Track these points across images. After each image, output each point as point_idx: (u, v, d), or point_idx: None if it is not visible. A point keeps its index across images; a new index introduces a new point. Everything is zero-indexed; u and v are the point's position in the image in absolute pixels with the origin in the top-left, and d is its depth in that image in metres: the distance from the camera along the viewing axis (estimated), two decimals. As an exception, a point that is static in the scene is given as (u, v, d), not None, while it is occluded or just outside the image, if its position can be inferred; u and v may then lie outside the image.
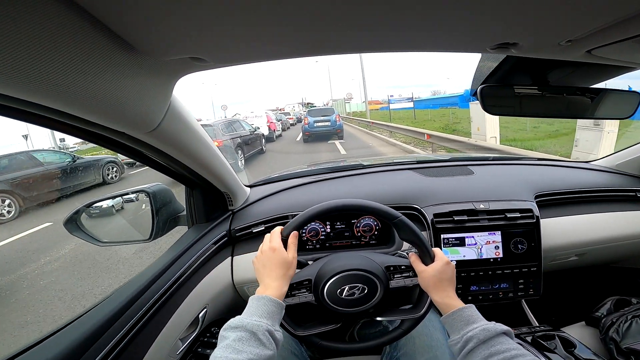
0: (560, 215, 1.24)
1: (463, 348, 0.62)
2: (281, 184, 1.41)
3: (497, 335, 0.61)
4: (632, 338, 1.03)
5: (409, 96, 24.38)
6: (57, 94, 0.43)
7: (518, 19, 0.43)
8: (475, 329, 0.63)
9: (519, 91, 0.77)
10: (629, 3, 0.36)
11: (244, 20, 0.40)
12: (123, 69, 0.47)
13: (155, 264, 0.94)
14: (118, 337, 0.71)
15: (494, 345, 0.59)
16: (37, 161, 7.85)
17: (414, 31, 0.47)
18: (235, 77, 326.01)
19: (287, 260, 0.73)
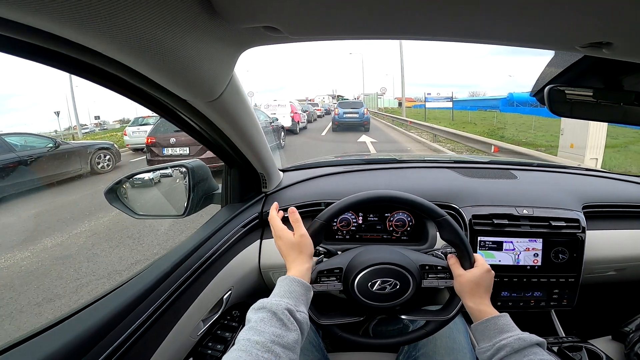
0: (604, 228, 1.19)
1: (494, 356, 0.61)
2: (314, 171, 1.41)
3: (531, 346, 0.60)
4: None
5: (446, 95, 22.58)
6: (131, 46, 0.42)
7: (618, 16, 0.40)
8: (509, 338, 0.61)
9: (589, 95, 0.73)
10: None
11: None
12: (195, 29, 0.45)
13: (186, 242, 0.94)
14: (143, 318, 0.71)
15: (528, 355, 0.58)
16: (9, 146, 6.67)
17: (501, 21, 0.45)
18: (268, 65, 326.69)
19: (293, 241, 0.73)
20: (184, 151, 6.39)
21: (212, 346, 0.99)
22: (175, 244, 1.29)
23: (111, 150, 8.76)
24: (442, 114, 24.69)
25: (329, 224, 0.81)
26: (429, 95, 23.32)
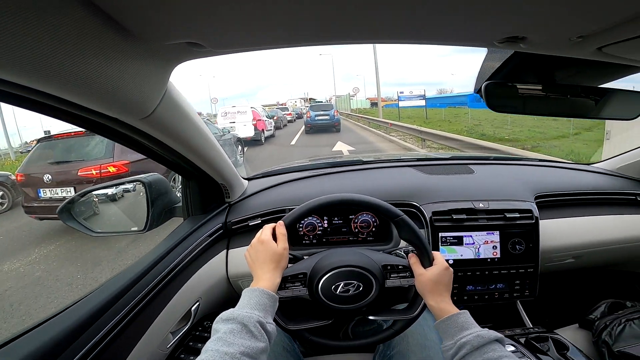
0: (559, 217, 1.23)
1: (456, 354, 0.62)
2: (280, 177, 1.40)
3: (490, 342, 0.61)
4: (624, 342, 1.03)
5: (419, 93, 21.42)
6: (47, 76, 0.41)
7: (529, 11, 0.41)
8: (468, 335, 0.62)
9: (524, 89, 0.76)
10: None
11: (243, 3, 0.38)
12: (116, 52, 0.45)
13: (148, 255, 0.93)
14: (106, 329, 0.70)
15: (487, 352, 0.59)
16: None
17: (421, 22, 0.46)
18: (237, 70, 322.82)
19: (277, 252, 0.73)
20: (66, 193, 4.28)
21: (184, 358, 0.98)
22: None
23: (4, 184, 6.38)
24: (415, 112, 23.84)
25: (289, 229, 0.80)
26: (401, 94, 22.22)
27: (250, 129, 11.87)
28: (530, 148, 8.00)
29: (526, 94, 0.75)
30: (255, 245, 0.75)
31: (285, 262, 0.75)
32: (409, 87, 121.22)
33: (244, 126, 11.69)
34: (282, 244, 0.74)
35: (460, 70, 32.21)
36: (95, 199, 1.18)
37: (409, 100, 21.74)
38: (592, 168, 1.47)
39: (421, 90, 26.76)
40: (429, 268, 0.76)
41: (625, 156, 1.40)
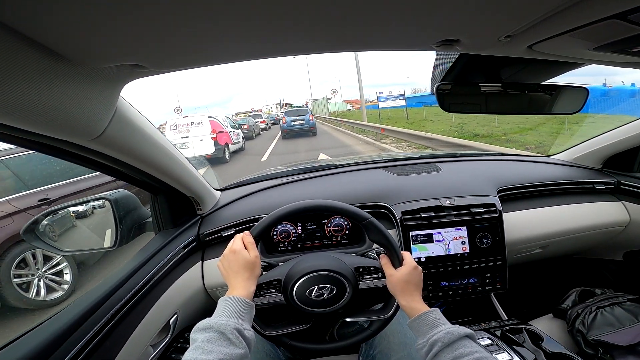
0: (522, 209, 1.28)
1: (429, 352, 0.63)
2: (253, 186, 1.40)
3: (460, 338, 0.62)
4: (598, 329, 1.06)
5: (399, 93, 20.18)
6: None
7: (457, 15, 0.43)
8: (439, 332, 0.64)
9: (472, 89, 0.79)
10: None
11: (182, 24, 0.39)
12: (51, 77, 0.45)
13: (120, 270, 0.92)
14: (81, 345, 0.70)
15: (458, 348, 0.61)
16: None
17: (361, 30, 0.47)
18: (209, 78, 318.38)
19: (250, 261, 0.73)
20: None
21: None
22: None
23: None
24: (395, 113, 22.54)
25: (259, 240, 0.81)
26: (381, 94, 20.84)
27: (209, 145, 9.48)
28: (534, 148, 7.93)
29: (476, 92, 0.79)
30: (227, 256, 0.75)
31: (259, 270, 0.76)
32: (386, 88, 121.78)
33: (201, 141, 9.47)
34: (253, 253, 0.75)
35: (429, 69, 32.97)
36: (60, 218, 1.15)
37: (389, 100, 20.75)
38: (551, 160, 1.53)
39: (400, 89, 25.28)
40: (399, 268, 0.77)
41: (580, 147, 1.46)
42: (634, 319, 1.07)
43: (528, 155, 1.64)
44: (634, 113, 7.11)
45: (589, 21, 0.41)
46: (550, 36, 0.47)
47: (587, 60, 0.59)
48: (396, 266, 0.78)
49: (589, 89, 0.84)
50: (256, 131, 19.52)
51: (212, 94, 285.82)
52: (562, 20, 0.42)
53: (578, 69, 0.74)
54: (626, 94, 12.08)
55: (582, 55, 0.55)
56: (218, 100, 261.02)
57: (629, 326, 1.05)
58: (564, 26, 0.43)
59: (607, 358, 1.01)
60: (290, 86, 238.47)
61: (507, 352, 0.92)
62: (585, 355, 1.04)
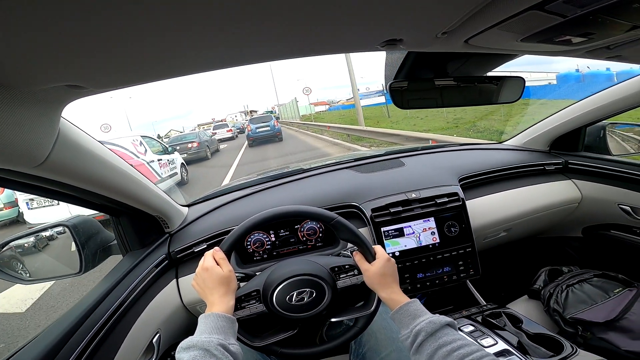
0: (483, 195, 1.34)
1: (414, 342, 0.65)
2: (221, 198, 1.38)
3: (442, 327, 0.64)
4: (573, 307, 1.11)
5: (375, 89, 19.13)
6: None
7: (397, 15, 0.45)
8: (422, 322, 0.65)
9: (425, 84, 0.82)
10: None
11: (119, 40, 0.37)
12: None
13: (90, 295, 0.89)
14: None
15: (441, 337, 0.62)
16: None
17: (307, 36, 0.48)
18: (166, 88, 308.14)
19: (223, 276, 0.73)
20: None
21: None
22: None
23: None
24: (372, 112, 20.17)
25: (230, 253, 0.81)
26: (358, 91, 17.20)
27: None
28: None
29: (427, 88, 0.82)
30: (200, 274, 0.75)
31: (235, 284, 0.76)
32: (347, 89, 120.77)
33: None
34: (226, 267, 0.75)
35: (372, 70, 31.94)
36: (20, 247, 1.09)
37: (368, 98, 19.56)
38: (503, 146, 1.62)
39: (378, 85, 22.65)
40: (373, 262, 0.79)
41: (528, 131, 1.56)
42: (604, 295, 1.12)
43: (483, 143, 1.73)
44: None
45: (511, 14, 0.44)
46: (481, 30, 0.50)
47: (519, 51, 0.63)
48: (370, 261, 0.80)
49: (563, 75, 0.89)
50: (212, 148, 14.80)
51: (170, 106, 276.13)
52: (488, 14, 0.45)
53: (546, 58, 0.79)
54: (602, 78, 12.78)
55: (514, 47, 0.58)
56: (178, 112, 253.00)
57: (601, 302, 1.10)
58: (491, 20, 0.46)
59: (588, 335, 1.06)
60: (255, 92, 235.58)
61: (491, 336, 0.95)
62: (566, 334, 1.09)
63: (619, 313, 1.04)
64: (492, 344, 0.92)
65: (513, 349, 0.89)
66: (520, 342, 0.93)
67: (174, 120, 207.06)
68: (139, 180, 0.94)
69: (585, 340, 1.06)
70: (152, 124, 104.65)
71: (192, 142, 12.54)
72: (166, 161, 7.56)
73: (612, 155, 1.37)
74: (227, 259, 0.78)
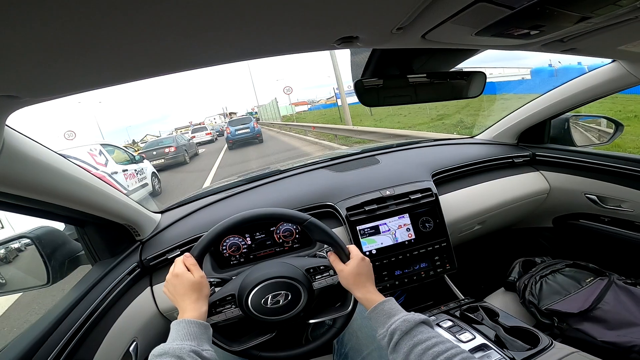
0: (456, 190, 1.36)
1: (390, 341, 0.65)
2: (196, 203, 1.35)
3: (417, 325, 0.64)
4: (548, 299, 1.12)
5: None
6: None
7: (351, 12, 0.45)
8: (397, 321, 0.65)
9: (388, 82, 0.83)
10: None
11: (54, 47, 0.35)
12: None
13: (57, 306, 0.87)
14: None
15: (416, 335, 0.62)
16: None
17: (259, 37, 0.47)
18: (140, 92, 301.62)
19: (195, 282, 0.72)
20: None
21: None
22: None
23: None
24: (354, 109, 19.15)
25: (201, 259, 0.79)
26: (338, 90, 15.90)
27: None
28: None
29: (392, 85, 0.82)
30: (170, 280, 0.74)
31: (207, 290, 0.75)
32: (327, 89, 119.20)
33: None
34: (197, 273, 0.74)
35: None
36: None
37: (350, 96, 17.07)
38: (474, 140, 1.66)
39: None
40: (347, 262, 0.79)
41: (497, 125, 1.60)
42: (577, 285, 1.13)
43: (456, 138, 1.77)
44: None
45: (462, 6, 0.44)
46: (436, 25, 0.50)
47: (476, 46, 0.64)
48: (344, 261, 0.80)
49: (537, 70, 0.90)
50: (190, 152, 14.55)
51: (145, 110, 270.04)
52: (440, 8, 0.45)
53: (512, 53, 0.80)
54: (573, 72, 13.33)
55: (470, 41, 0.59)
56: (154, 116, 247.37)
57: (574, 292, 1.11)
58: (444, 14, 0.47)
59: (564, 327, 1.06)
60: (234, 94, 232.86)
61: (469, 331, 0.95)
62: (543, 325, 1.10)
63: (592, 303, 1.05)
64: (470, 339, 0.93)
65: (491, 343, 0.90)
66: (498, 336, 0.94)
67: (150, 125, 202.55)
68: (101, 189, 0.91)
69: (561, 331, 1.07)
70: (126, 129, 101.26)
71: (170, 147, 12.11)
72: (133, 171, 6.95)
73: (576, 146, 1.42)
74: (198, 264, 0.76)
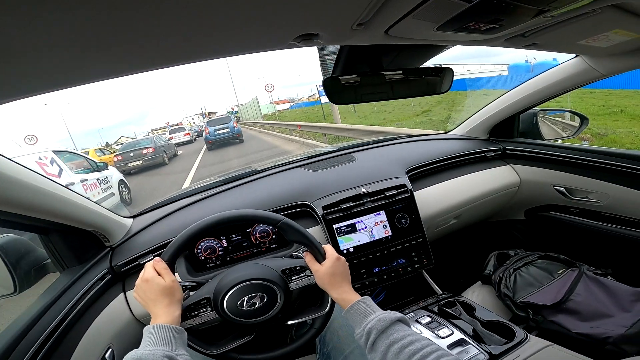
0: (431, 185, 1.37)
1: (367, 340, 0.64)
2: (170, 207, 1.31)
3: (393, 324, 0.64)
4: (523, 291, 1.13)
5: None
6: None
7: (308, 8, 0.44)
8: (372, 320, 0.65)
9: (365, 79, 0.82)
10: None
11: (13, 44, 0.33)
12: None
13: (23, 315, 0.84)
14: None
15: (392, 333, 0.62)
16: None
17: (214, 37, 0.45)
18: (113, 92, 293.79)
19: (166, 287, 0.70)
20: None
21: None
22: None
23: None
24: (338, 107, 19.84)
25: (172, 263, 0.78)
26: (322, 88, 15.67)
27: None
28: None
29: (369, 82, 0.82)
30: (140, 286, 0.72)
31: (180, 294, 0.73)
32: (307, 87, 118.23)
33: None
34: (168, 278, 0.72)
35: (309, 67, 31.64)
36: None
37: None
38: (448, 135, 1.69)
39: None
40: (323, 262, 0.78)
41: (469, 121, 1.63)
42: (549, 277, 1.15)
43: (431, 133, 1.79)
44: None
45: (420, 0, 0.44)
46: (397, 20, 0.49)
47: (440, 41, 0.64)
48: (320, 261, 0.79)
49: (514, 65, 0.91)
50: (169, 152, 14.15)
51: (119, 112, 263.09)
52: (399, 2, 0.44)
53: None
54: (549, 67, 13.69)
55: (433, 37, 0.59)
56: (128, 117, 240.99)
57: (547, 284, 1.13)
58: (404, 8, 0.46)
59: (539, 319, 1.08)
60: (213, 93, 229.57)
61: (447, 327, 0.96)
62: (519, 318, 1.11)
63: (565, 294, 1.07)
64: (448, 334, 0.94)
65: (468, 338, 0.91)
66: (475, 330, 0.95)
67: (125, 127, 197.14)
68: (62, 195, 0.86)
69: (537, 324, 1.08)
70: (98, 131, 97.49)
71: (147, 148, 11.72)
72: (95, 181, 6.05)
73: (544, 140, 1.46)
74: (169, 269, 0.74)
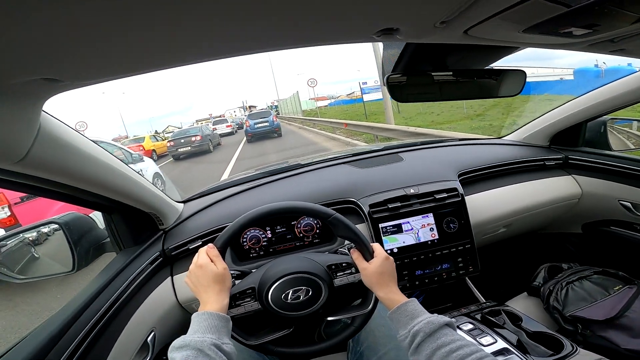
0: (482, 191, 1.32)
1: (412, 342, 0.64)
2: (217, 194, 1.36)
3: (441, 328, 0.63)
4: (573, 305, 1.09)
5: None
6: None
7: (394, 3, 0.43)
8: (420, 323, 0.64)
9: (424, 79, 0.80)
10: None
11: (94, 30, 0.35)
12: None
13: (82, 293, 0.88)
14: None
15: (440, 337, 0.61)
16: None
17: (300, 26, 0.46)
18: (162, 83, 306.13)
19: (218, 274, 0.72)
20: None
21: None
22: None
23: None
24: (378, 106, 17.24)
25: (224, 250, 0.79)
26: (365, 85, 17.15)
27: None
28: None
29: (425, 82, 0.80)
30: (194, 271, 0.73)
31: (229, 282, 0.74)
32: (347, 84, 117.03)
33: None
34: (220, 265, 0.73)
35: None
36: (10, 245, 1.08)
37: (376, 92, 16.63)
38: (503, 141, 1.61)
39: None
40: (371, 261, 0.77)
41: (528, 126, 1.54)
42: (604, 292, 1.11)
43: (483, 138, 1.71)
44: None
45: (513, 2, 0.42)
46: (481, 20, 0.48)
47: (521, 43, 0.61)
48: (368, 259, 0.78)
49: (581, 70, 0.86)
50: (214, 141, 15.95)
51: (167, 102, 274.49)
52: (489, 3, 0.43)
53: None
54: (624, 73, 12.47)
55: (515, 38, 0.56)
56: (175, 108, 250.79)
57: (601, 300, 1.08)
58: (493, 9, 0.44)
59: (588, 333, 1.04)
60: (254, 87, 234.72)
61: (490, 335, 0.94)
62: (566, 332, 1.07)
63: (619, 311, 1.03)
64: (491, 343, 0.91)
65: (512, 348, 0.88)
66: (520, 341, 0.92)
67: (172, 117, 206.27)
68: (130, 176, 0.92)
69: (585, 338, 1.05)
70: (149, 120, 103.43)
71: (196, 136, 13.57)
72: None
73: (612, 151, 1.36)
74: (221, 256, 0.76)
